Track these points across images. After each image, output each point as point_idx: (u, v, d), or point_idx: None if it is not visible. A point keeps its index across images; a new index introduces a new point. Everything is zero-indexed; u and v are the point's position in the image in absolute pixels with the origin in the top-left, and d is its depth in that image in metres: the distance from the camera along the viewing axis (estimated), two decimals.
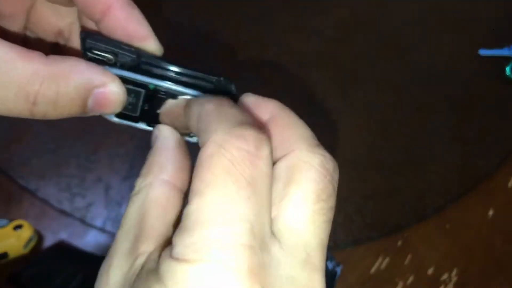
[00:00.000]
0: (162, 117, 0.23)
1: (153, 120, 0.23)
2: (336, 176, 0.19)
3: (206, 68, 0.23)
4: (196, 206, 0.16)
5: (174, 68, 0.23)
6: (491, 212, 0.58)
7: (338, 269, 0.50)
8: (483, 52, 0.69)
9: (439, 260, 0.54)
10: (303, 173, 0.18)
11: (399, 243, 0.55)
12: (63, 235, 0.51)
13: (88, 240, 0.51)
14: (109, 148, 0.56)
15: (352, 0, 0.73)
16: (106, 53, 0.21)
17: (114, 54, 0.21)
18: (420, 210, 0.57)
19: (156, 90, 0.23)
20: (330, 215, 0.18)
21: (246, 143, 0.17)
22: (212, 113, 0.18)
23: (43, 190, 0.53)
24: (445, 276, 0.53)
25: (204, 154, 0.17)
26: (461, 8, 0.74)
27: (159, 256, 0.17)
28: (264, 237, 0.16)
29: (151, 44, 0.22)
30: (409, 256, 0.54)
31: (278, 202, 0.18)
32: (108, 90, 0.20)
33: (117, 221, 0.52)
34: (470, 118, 0.64)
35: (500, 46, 0.69)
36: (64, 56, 0.20)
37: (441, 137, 0.62)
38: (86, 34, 0.22)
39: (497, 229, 0.57)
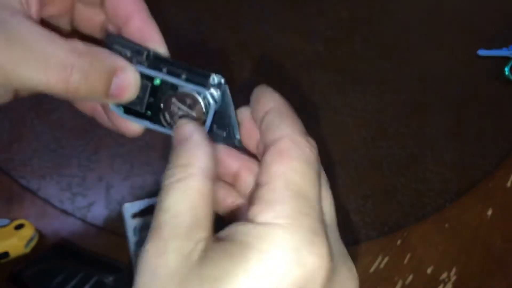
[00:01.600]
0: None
1: (155, 116, 0.26)
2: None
3: (204, 67, 0.27)
4: (284, 183, 0.21)
5: (176, 64, 0.26)
6: (490, 212, 0.58)
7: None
8: (482, 52, 0.69)
9: (438, 259, 0.54)
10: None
11: (398, 242, 0.55)
12: (64, 235, 0.51)
13: (89, 240, 0.51)
14: (110, 148, 0.56)
15: (351, 1, 0.73)
16: (124, 48, 0.25)
17: (131, 51, 0.25)
18: (419, 209, 0.57)
19: (161, 85, 0.26)
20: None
21: (313, 148, 0.22)
22: (282, 115, 0.23)
23: (44, 190, 0.53)
24: (444, 275, 0.54)
25: (283, 145, 0.22)
26: (460, 9, 0.74)
27: (215, 240, 0.21)
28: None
29: (161, 48, 0.27)
30: (408, 255, 0.54)
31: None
32: (128, 74, 0.24)
33: (118, 221, 0.52)
34: (469, 118, 0.64)
35: (499, 46, 0.69)
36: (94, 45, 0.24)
37: (440, 136, 0.62)
38: (110, 33, 0.27)
39: (496, 228, 0.57)
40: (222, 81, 0.26)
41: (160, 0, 0.69)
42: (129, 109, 0.26)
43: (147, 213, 0.51)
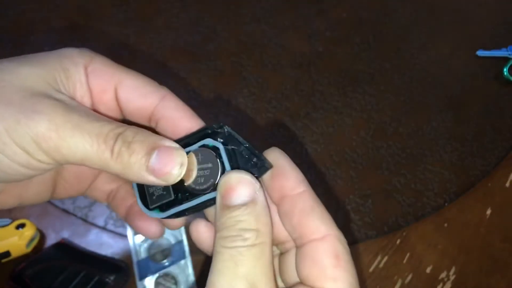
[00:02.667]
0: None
1: (183, 194, 0.25)
2: None
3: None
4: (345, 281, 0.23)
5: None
6: (489, 211, 0.58)
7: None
8: (481, 53, 0.69)
9: (437, 258, 0.55)
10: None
11: (398, 241, 0.55)
12: (65, 234, 0.51)
13: (90, 239, 0.52)
14: None
15: (351, 1, 0.73)
16: None
17: None
18: (418, 209, 0.57)
19: None
20: None
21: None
22: (318, 204, 0.25)
23: None
24: (443, 275, 0.54)
25: (336, 247, 0.24)
26: (460, 9, 0.74)
27: None
28: None
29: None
30: (407, 255, 0.55)
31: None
32: (169, 151, 0.24)
33: (118, 220, 0.52)
34: (468, 118, 0.64)
35: (498, 47, 0.69)
36: None
37: (439, 136, 0.63)
38: None
39: (495, 228, 0.57)
40: (221, 124, 0.26)
41: (160, 0, 0.69)
42: (162, 206, 0.26)
43: None
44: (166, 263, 0.50)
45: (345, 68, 0.67)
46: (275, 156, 0.26)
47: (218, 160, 0.24)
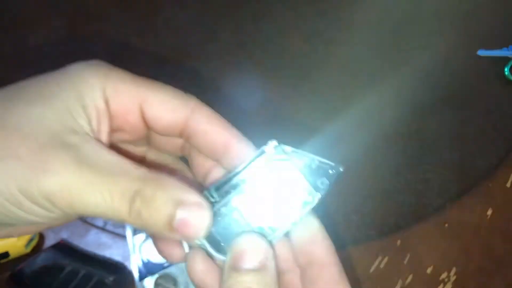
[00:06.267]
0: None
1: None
2: None
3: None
4: None
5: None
6: (490, 212, 0.58)
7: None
8: (482, 52, 0.69)
9: (438, 259, 0.54)
10: None
11: (398, 242, 0.55)
12: (64, 235, 0.51)
13: (89, 240, 0.51)
14: None
15: (351, 1, 0.73)
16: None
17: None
18: (419, 209, 0.57)
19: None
20: None
21: None
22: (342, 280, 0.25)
23: None
24: (444, 276, 0.54)
25: None
26: (461, 9, 0.74)
27: None
28: None
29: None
30: (408, 256, 0.54)
31: None
32: (193, 209, 0.22)
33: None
34: (469, 118, 0.64)
35: (499, 46, 0.69)
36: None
37: (440, 137, 0.62)
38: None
39: (496, 229, 0.57)
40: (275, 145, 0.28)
41: (160, 0, 0.69)
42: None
43: None
44: (166, 264, 0.50)
45: (345, 68, 0.66)
46: (312, 223, 0.26)
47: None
